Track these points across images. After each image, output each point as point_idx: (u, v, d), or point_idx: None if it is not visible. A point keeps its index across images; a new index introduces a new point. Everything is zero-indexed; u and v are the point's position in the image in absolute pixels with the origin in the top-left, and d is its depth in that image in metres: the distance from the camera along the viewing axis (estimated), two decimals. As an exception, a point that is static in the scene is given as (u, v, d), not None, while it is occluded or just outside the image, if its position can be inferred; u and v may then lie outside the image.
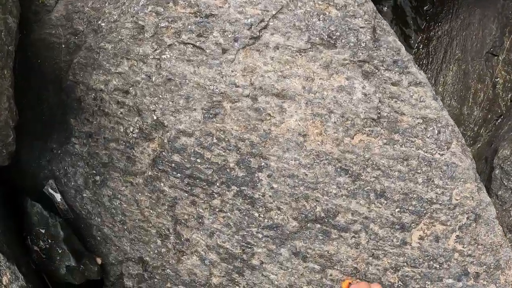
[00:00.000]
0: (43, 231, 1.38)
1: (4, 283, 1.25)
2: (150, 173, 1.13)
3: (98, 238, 1.33)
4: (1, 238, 1.32)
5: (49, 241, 1.38)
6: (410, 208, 1.04)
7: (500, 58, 2.08)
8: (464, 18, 2.25)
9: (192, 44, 1.03)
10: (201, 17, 1.02)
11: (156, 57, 1.07)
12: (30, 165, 1.36)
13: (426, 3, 2.36)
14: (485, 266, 1.13)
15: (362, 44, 0.98)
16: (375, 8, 1.01)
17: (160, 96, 1.07)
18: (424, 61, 2.20)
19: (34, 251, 1.42)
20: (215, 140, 1.04)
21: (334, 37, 0.98)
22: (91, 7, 1.27)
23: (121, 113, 1.13)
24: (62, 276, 1.36)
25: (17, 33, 1.00)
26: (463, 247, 1.11)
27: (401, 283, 1.07)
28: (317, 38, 0.98)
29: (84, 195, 1.28)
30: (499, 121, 1.82)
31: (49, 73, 1.31)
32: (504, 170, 1.33)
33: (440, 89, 2.06)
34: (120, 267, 1.33)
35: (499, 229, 1.18)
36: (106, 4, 1.24)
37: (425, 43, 2.25)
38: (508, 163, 1.33)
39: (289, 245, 1.06)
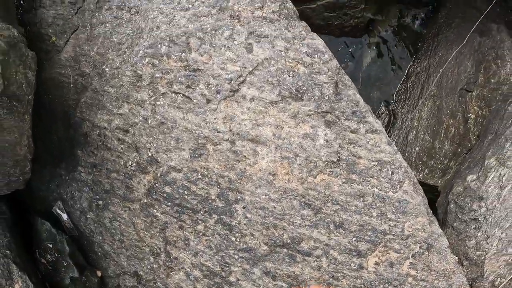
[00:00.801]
0: (50, 245, 1.56)
1: None
2: (145, 200, 1.31)
3: (99, 253, 1.51)
4: (14, 251, 1.50)
5: (56, 254, 1.56)
6: (365, 237, 1.21)
7: (474, 94, 2.22)
8: (442, 55, 2.40)
9: (182, 93, 1.21)
10: (189, 70, 1.21)
11: (152, 103, 1.25)
12: (40, 188, 1.55)
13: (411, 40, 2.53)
14: (438, 290, 1.28)
15: (325, 97, 1.16)
16: (338, 65, 1.19)
17: (155, 136, 1.25)
18: (403, 96, 2.36)
19: (41, 263, 1.60)
20: (199, 176, 1.22)
21: (301, 91, 1.16)
22: (97, 51, 1.47)
23: (122, 148, 1.31)
24: (66, 286, 1.53)
25: (35, 84, 1.19)
26: (416, 272, 1.27)
27: (359, 302, 1.24)
28: (287, 92, 1.17)
29: (88, 216, 1.46)
30: (468, 154, 1.97)
31: (58, 110, 1.50)
32: (458, 204, 1.49)
33: (415, 124, 2.22)
34: (118, 279, 1.50)
35: (451, 257, 1.33)
36: (109, 51, 1.43)
37: (404, 79, 2.41)
38: (461, 198, 1.49)
39: (260, 266, 1.23)
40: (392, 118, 2.31)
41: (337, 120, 1.17)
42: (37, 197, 1.58)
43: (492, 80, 2.26)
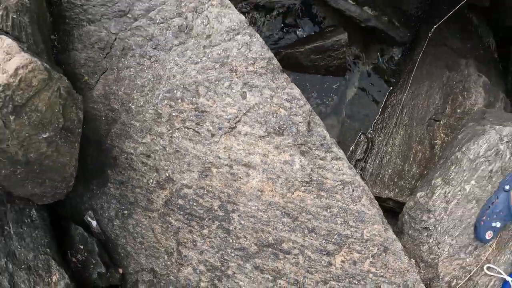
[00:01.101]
0: (81, 247, 1.93)
1: (54, 280, 1.78)
2: (162, 210, 1.69)
3: (122, 254, 1.87)
4: (53, 250, 1.86)
5: (86, 254, 1.92)
6: (333, 240, 1.57)
7: (441, 122, 2.56)
8: (415, 89, 2.75)
9: (192, 129, 1.60)
10: (198, 111, 1.60)
11: (169, 135, 1.64)
12: (75, 200, 1.92)
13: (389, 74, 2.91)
14: (395, 285, 1.63)
15: (300, 133, 1.54)
16: (311, 108, 1.57)
17: (171, 161, 1.64)
18: (380, 126, 2.72)
19: (72, 262, 1.96)
20: (205, 192, 1.60)
21: (282, 128, 1.55)
22: (123, 91, 1.85)
23: (145, 169, 1.69)
24: (94, 279, 1.89)
25: (82, 119, 1.57)
26: (376, 269, 1.62)
27: (328, 291, 1.59)
28: (271, 129, 1.55)
29: (115, 223, 1.83)
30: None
31: (92, 137, 1.87)
32: (410, 216, 1.86)
33: (389, 150, 2.56)
34: (136, 275, 1.86)
35: (405, 258, 1.68)
36: (134, 92, 1.82)
37: (382, 111, 2.77)
38: (413, 211, 1.85)
39: (251, 261, 1.59)
40: (370, 145, 2.67)
41: (310, 150, 1.54)
42: (71, 207, 1.96)
43: (458, 110, 2.63)
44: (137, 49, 1.87)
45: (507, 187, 1.78)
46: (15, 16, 1.53)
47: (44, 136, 1.36)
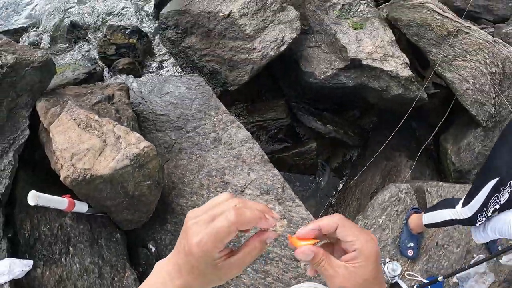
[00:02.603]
0: (144, 262, 3.21)
1: (127, 275, 3.02)
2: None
3: (174, 271, 3.16)
4: (127, 258, 3.07)
5: (146, 267, 3.19)
6: (297, 253, 2.88)
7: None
8: (365, 175, 4.20)
9: (221, 192, 3.02)
10: (224, 182, 3.04)
11: (207, 195, 3.05)
12: (144, 231, 3.26)
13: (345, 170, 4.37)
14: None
15: (279, 192, 2.95)
16: (284, 180, 2.99)
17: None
18: (341, 200, 4.11)
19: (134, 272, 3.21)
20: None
21: (269, 190, 2.96)
22: (180, 172, 3.31)
23: (193, 215, 3.08)
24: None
25: (164, 176, 3.00)
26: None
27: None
28: (263, 191, 2.97)
29: (168, 248, 3.15)
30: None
31: (161, 195, 3.27)
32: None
33: (347, 215, 3.93)
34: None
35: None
36: (186, 173, 3.27)
37: (341, 190, 4.19)
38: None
39: (250, 265, 2.89)
40: (333, 211, 4.04)
41: (284, 201, 2.94)
42: (140, 235, 3.28)
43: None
44: (188, 149, 3.37)
45: (404, 221, 3.12)
46: (132, 122, 3.07)
47: (147, 183, 2.77)
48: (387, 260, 3.04)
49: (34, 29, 5.74)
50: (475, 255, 3.14)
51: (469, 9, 5.18)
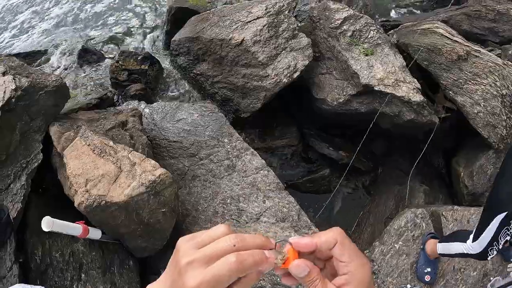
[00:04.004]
0: None
1: None
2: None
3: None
4: (140, 286, 3.07)
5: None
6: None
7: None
8: (378, 200, 4.21)
9: (235, 219, 3.03)
10: (239, 210, 3.05)
11: (222, 223, 3.05)
12: (155, 259, 3.25)
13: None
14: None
15: (294, 220, 2.96)
16: (299, 208, 3.01)
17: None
18: (355, 227, 4.11)
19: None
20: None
21: (285, 218, 2.98)
22: (194, 200, 3.33)
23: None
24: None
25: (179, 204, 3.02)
26: None
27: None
28: (279, 219, 2.98)
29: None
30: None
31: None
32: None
33: (362, 242, 3.92)
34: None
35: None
36: (200, 200, 3.29)
37: (356, 217, 4.19)
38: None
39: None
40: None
41: (299, 229, 2.94)
42: (152, 264, 3.28)
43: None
44: (202, 177, 3.40)
45: (421, 246, 3.12)
46: (146, 148, 3.11)
47: (162, 210, 2.78)
48: (408, 286, 3.03)
49: (47, 53, 5.87)
50: (491, 278, 3.14)
51: (475, 31, 5.27)
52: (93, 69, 5.27)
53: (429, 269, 3.08)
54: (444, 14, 5.65)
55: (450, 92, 4.03)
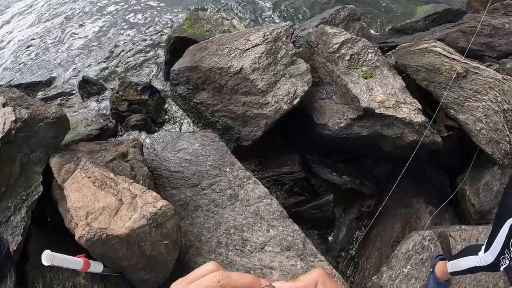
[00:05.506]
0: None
1: None
2: None
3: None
4: None
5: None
6: None
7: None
8: (384, 224, 4.16)
9: (239, 250, 3.00)
10: (243, 240, 3.03)
11: (226, 254, 3.05)
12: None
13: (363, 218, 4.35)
14: None
15: (300, 248, 2.93)
16: (304, 236, 2.98)
17: (226, 268, 3.00)
18: (362, 252, 4.05)
19: None
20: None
21: (290, 247, 2.95)
22: (196, 231, 3.30)
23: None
24: None
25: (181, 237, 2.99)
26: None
27: None
28: (284, 248, 2.96)
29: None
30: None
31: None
32: None
33: (369, 266, 3.86)
34: None
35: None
36: (203, 231, 3.27)
37: (362, 240, 4.14)
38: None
39: None
40: (354, 263, 3.97)
41: (305, 257, 2.91)
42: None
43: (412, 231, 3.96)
44: (204, 207, 3.39)
45: (430, 269, 3.07)
46: (147, 180, 3.11)
47: (165, 242, 2.76)
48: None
49: (47, 84, 5.95)
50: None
51: (472, 47, 5.32)
52: (93, 99, 5.34)
53: None
54: (440, 32, 5.73)
55: (452, 111, 4.05)
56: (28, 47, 6.95)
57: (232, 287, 0.65)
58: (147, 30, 6.84)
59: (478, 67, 4.08)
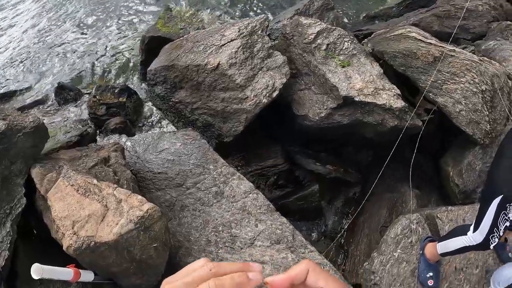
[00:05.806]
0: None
1: None
2: None
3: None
4: None
5: None
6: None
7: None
8: (371, 210, 4.21)
9: (229, 246, 3.01)
10: (232, 236, 3.03)
11: (216, 251, 3.04)
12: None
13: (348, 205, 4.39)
14: None
15: (289, 241, 2.95)
16: (293, 228, 3.00)
17: (219, 266, 3.00)
18: (351, 239, 4.10)
19: None
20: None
21: (279, 240, 2.97)
22: (185, 231, 3.29)
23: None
24: None
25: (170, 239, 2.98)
26: None
27: None
28: (274, 241, 2.97)
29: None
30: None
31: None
32: (364, 278, 3.14)
33: (359, 253, 3.91)
34: None
35: None
36: (192, 230, 3.26)
37: (350, 228, 4.19)
38: (364, 275, 3.13)
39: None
40: (343, 251, 4.02)
41: (296, 249, 2.93)
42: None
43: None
44: (190, 206, 3.38)
45: (420, 252, 3.13)
46: (131, 183, 3.08)
47: (154, 245, 2.74)
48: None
49: (22, 93, 5.82)
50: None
51: (446, 31, 5.39)
52: (71, 106, 5.25)
53: (431, 274, 3.09)
54: (414, 17, 5.80)
55: (430, 94, 4.10)
56: (-1, 57, 6.78)
57: (223, 273, 0.67)
58: (122, 33, 6.75)
59: (454, 50, 4.14)
